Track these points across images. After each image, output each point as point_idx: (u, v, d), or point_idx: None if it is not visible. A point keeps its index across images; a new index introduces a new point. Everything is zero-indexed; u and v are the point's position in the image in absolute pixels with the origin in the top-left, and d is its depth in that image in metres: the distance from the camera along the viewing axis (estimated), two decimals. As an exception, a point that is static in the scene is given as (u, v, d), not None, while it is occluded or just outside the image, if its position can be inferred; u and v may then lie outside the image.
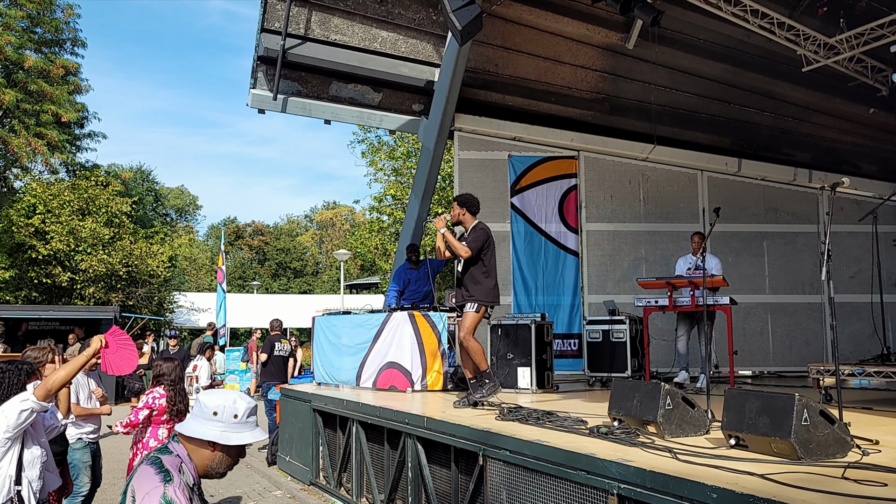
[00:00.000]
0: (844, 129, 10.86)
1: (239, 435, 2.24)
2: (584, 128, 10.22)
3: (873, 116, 10.49)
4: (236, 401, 2.29)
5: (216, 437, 2.22)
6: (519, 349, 7.68)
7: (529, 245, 9.96)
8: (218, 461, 2.28)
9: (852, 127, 10.82)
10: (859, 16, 8.82)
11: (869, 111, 10.42)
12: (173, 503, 2.06)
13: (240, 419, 2.25)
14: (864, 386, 7.49)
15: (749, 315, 10.03)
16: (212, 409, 2.25)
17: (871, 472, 3.13)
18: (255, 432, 2.29)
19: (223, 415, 2.24)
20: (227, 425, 2.24)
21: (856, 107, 10.44)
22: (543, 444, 3.98)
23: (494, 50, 9.72)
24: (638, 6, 8.10)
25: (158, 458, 2.20)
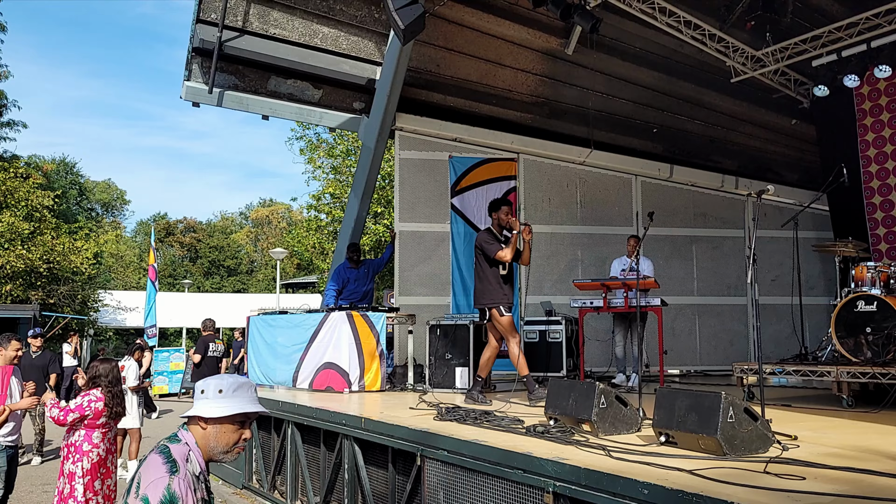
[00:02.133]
0: (769, 139, 11.34)
1: (221, 408, 2.25)
2: (524, 130, 10.35)
3: (795, 127, 10.99)
4: (223, 378, 2.35)
5: (200, 411, 2.26)
6: (457, 349, 7.72)
7: (469, 246, 10.01)
8: (214, 439, 2.28)
9: (776, 137, 11.31)
10: (784, 30, 9.23)
11: (791, 122, 10.91)
12: (175, 496, 2.08)
13: (225, 394, 2.27)
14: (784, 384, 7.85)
15: (678, 316, 10.36)
16: (200, 388, 2.32)
17: (790, 466, 3.28)
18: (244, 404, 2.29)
19: (209, 391, 2.29)
20: (213, 400, 2.27)
21: (780, 118, 10.91)
22: (481, 444, 4.02)
23: (436, 50, 9.74)
24: (577, 13, 8.27)
25: (167, 447, 2.23)
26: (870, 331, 5.85)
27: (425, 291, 9.89)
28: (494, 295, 6.42)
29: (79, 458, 4.90)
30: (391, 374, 8.40)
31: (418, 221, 9.96)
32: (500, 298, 6.41)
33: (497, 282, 6.44)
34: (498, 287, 6.43)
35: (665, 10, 8.83)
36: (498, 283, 6.44)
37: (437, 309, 9.55)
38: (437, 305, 9.71)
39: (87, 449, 4.93)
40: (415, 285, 9.85)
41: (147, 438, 8.93)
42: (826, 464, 3.30)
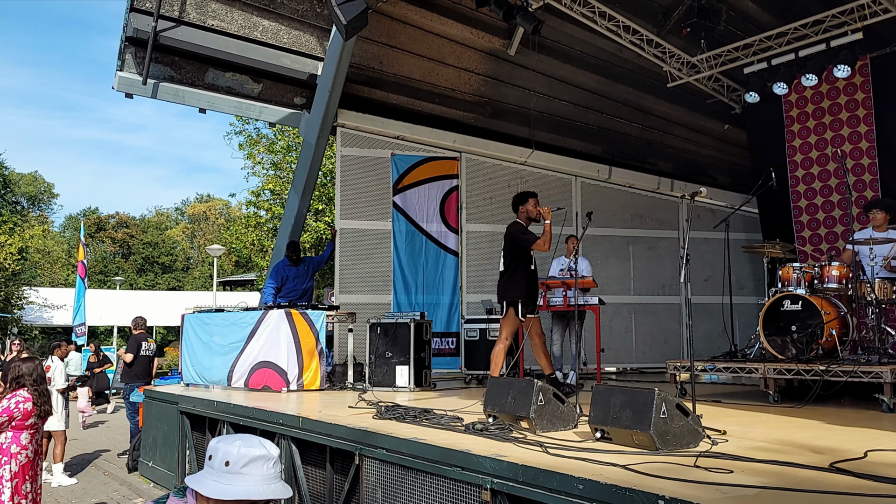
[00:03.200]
0: (703, 143, 11.69)
1: (223, 486, 1.80)
2: (467, 130, 10.39)
3: (727, 132, 11.35)
4: (234, 444, 1.87)
5: (200, 485, 1.83)
6: (397, 348, 7.70)
7: (410, 244, 10.01)
8: None
9: (709, 141, 11.67)
10: (718, 38, 9.52)
11: (724, 127, 11.26)
12: None
13: (232, 467, 1.82)
14: (714, 381, 8.11)
15: (615, 314, 10.58)
16: (210, 449, 1.88)
17: (719, 460, 3.38)
18: (251, 486, 1.80)
19: (216, 459, 1.85)
20: (217, 473, 1.83)
21: (713, 122, 11.26)
22: (420, 442, 4.02)
23: (379, 47, 9.68)
24: (520, 14, 8.34)
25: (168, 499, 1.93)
26: (795, 329, 6.08)
27: (366, 289, 9.83)
28: (520, 290, 6.22)
29: (6, 460, 4.72)
30: (331, 373, 8.32)
31: (360, 219, 9.88)
32: (526, 294, 6.23)
33: (525, 277, 6.26)
34: (525, 282, 6.24)
35: (605, 15, 9.00)
36: (525, 277, 6.26)
37: (378, 307, 9.51)
38: (378, 304, 9.66)
39: (15, 451, 4.75)
40: (355, 283, 9.77)
41: (74, 440, 8.60)
42: (752, 457, 3.41)
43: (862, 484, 2.87)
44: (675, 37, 9.59)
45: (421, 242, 10.11)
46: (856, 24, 8.20)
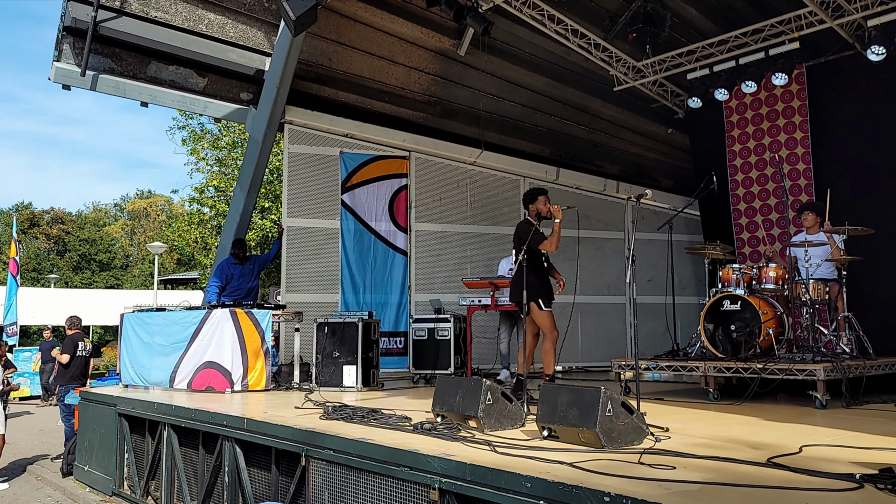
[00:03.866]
0: (647, 146, 11.94)
1: None
2: (417, 129, 10.37)
3: (671, 136, 11.62)
4: None
5: None
6: (345, 347, 7.64)
7: (359, 243, 9.94)
8: None
9: (654, 144, 11.92)
10: (663, 44, 9.74)
11: (668, 131, 11.53)
12: None
13: None
14: (657, 379, 8.29)
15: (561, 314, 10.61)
16: None
17: (662, 456, 3.45)
18: None
19: None
20: None
21: (657, 126, 11.51)
22: (367, 443, 3.99)
23: (329, 44, 9.58)
24: (470, 15, 8.37)
25: None
26: (734, 328, 6.27)
27: (313, 288, 9.72)
28: (534, 288, 6.09)
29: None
30: (276, 373, 8.19)
31: (307, 217, 9.76)
32: (541, 292, 6.16)
33: (537, 274, 6.16)
34: (537, 280, 6.15)
35: (554, 18, 9.11)
36: (537, 275, 6.16)
37: (326, 306, 9.41)
38: (325, 303, 9.56)
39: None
40: (303, 282, 9.65)
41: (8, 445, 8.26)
42: (694, 453, 3.50)
43: (797, 478, 2.97)
44: (622, 41, 9.77)
45: (369, 241, 10.05)
46: (793, 33, 8.49)
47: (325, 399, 6.21)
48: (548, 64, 10.42)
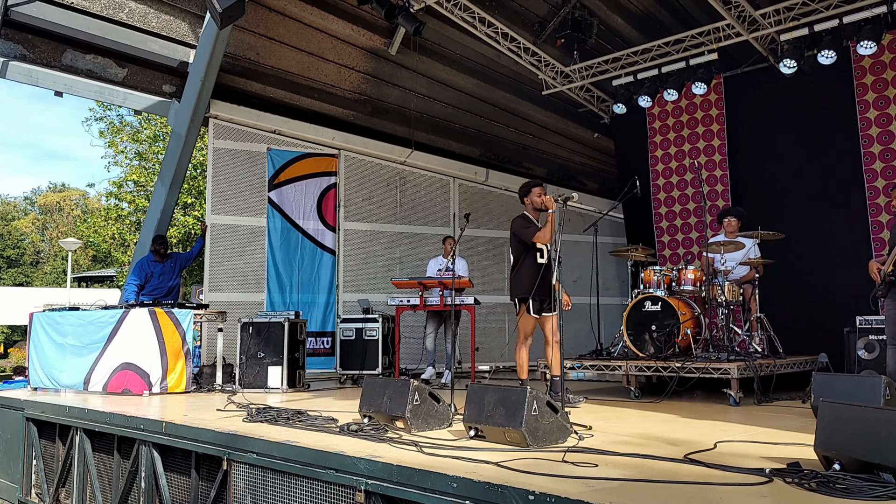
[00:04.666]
0: (574, 150, 12.18)
1: None
2: (346, 127, 10.26)
3: (597, 140, 11.90)
4: None
5: None
6: (270, 348, 7.50)
7: (286, 241, 9.76)
8: None
9: (580, 148, 12.18)
10: (589, 50, 9.97)
11: (594, 135, 11.80)
12: None
13: None
14: (581, 378, 8.49)
15: (490, 314, 10.81)
16: None
17: (585, 454, 3.53)
18: None
19: None
20: None
21: (584, 130, 11.76)
22: (292, 445, 3.91)
23: (256, 38, 9.37)
24: (402, 14, 8.35)
25: None
26: (654, 329, 6.47)
27: (238, 287, 9.48)
28: (527, 285, 5.69)
29: None
30: (198, 375, 7.96)
31: (232, 214, 9.52)
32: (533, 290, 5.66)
33: (531, 271, 5.72)
34: (530, 276, 5.69)
35: (484, 21, 9.18)
36: (531, 272, 5.71)
37: (251, 306, 9.21)
38: (250, 302, 9.35)
39: None
40: (227, 281, 9.40)
41: None
42: (615, 451, 3.59)
43: (712, 473, 3.09)
44: (551, 46, 9.95)
45: (297, 240, 9.88)
46: (712, 45, 8.84)
47: (249, 401, 6.07)
48: (478, 66, 10.50)
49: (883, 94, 8.22)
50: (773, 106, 9.24)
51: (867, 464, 2.81)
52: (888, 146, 8.20)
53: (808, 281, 8.31)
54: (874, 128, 8.29)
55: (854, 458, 2.88)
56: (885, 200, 8.19)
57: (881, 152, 8.25)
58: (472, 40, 9.85)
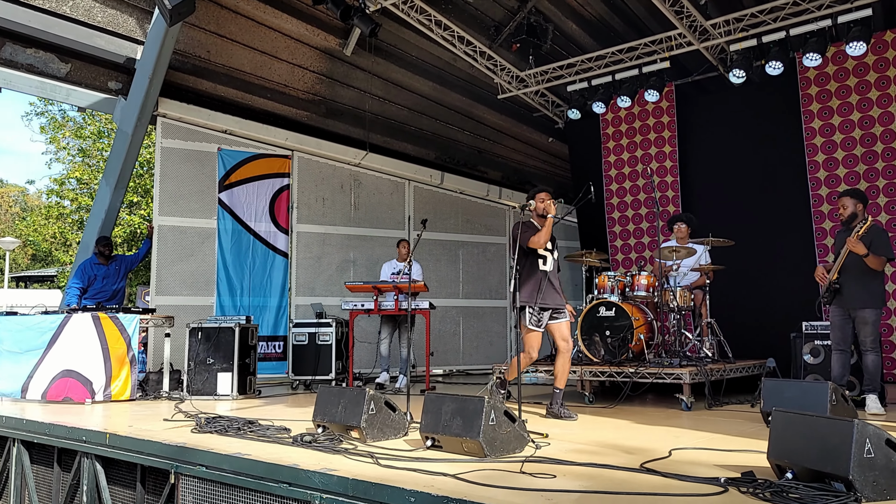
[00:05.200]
0: (529, 154, 12.24)
1: None
2: (300, 128, 10.09)
3: (551, 145, 11.98)
4: None
5: None
6: (220, 353, 7.32)
7: (237, 244, 9.54)
8: None
9: (535, 152, 12.25)
10: (545, 56, 10.02)
11: (548, 140, 11.88)
12: None
13: None
14: (536, 382, 8.51)
15: (444, 318, 10.78)
16: None
17: (542, 464, 3.51)
18: None
19: None
20: None
21: (538, 135, 11.83)
22: (244, 458, 3.80)
23: (207, 35, 9.14)
24: (358, 15, 8.26)
25: None
26: (608, 333, 6.53)
27: (186, 291, 9.23)
28: (526, 295, 5.36)
29: None
30: (143, 382, 7.71)
31: (181, 216, 9.26)
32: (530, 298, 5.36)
33: (533, 278, 5.40)
34: (529, 285, 5.37)
35: (441, 24, 9.14)
36: (533, 279, 5.39)
37: (200, 310, 8.96)
38: (199, 306, 9.10)
39: None
40: (175, 284, 9.14)
41: None
42: (572, 460, 3.58)
43: (669, 483, 3.10)
44: (506, 51, 9.96)
45: (248, 242, 9.68)
46: (664, 53, 8.98)
47: (198, 409, 5.90)
48: (434, 69, 10.46)
49: (827, 104, 8.48)
50: (723, 114, 9.44)
51: (819, 473, 2.86)
52: (831, 155, 8.46)
53: (756, 287, 8.51)
54: (818, 137, 8.54)
55: (806, 467, 2.93)
56: (828, 208, 8.45)
57: (825, 161, 8.51)
58: (428, 43, 9.81)
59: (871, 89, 8.15)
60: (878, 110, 8.12)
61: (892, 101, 8.03)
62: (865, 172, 8.21)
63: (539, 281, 5.39)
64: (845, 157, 8.36)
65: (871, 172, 8.18)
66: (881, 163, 8.14)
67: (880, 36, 7.99)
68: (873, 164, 8.19)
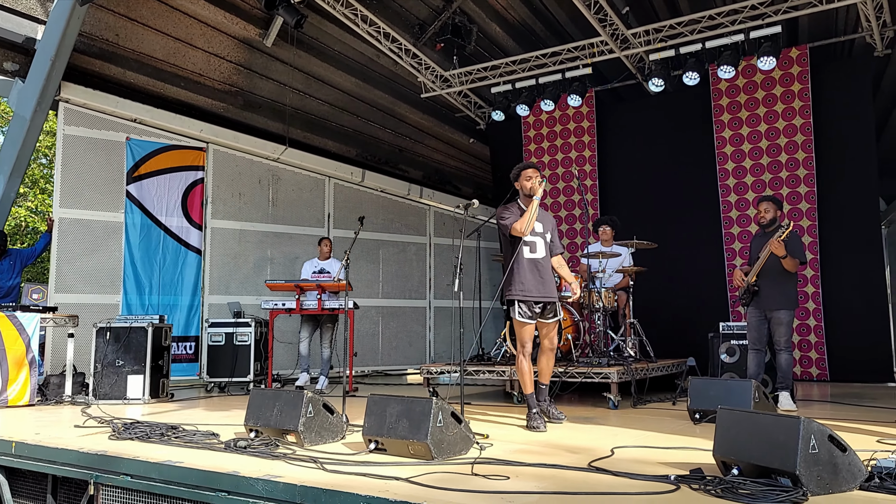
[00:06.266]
0: (450, 154, 12.25)
1: None
2: (216, 119, 9.67)
3: (472, 146, 12.04)
4: None
5: None
6: (131, 355, 6.90)
7: (146, 239, 9.04)
8: None
9: (456, 153, 12.27)
10: (468, 57, 10.06)
11: (469, 141, 11.93)
12: None
13: None
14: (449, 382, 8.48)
15: (364, 317, 10.61)
16: None
17: (492, 465, 3.48)
18: None
19: None
20: None
21: (460, 135, 11.85)
22: (175, 465, 3.56)
23: (116, 18, 8.61)
24: (283, 5, 8.01)
25: None
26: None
27: (89, 289, 8.66)
28: (514, 284, 4.88)
29: None
30: (43, 385, 7.16)
31: (84, 208, 8.69)
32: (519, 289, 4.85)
33: (518, 267, 4.87)
34: (515, 276, 4.87)
35: (366, 19, 9.01)
36: (517, 269, 4.87)
37: (104, 309, 8.44)
38: (103, 305, 8.57)
39: None
40: (77, 281, 8.56)
41: None
42: (522, 461, 3.57)
43: (621, 482, 3.13)
44: (431, 50, 9.93)
45: (158, 238, 9.19)
46: (586, 59, 9.20)
47: (108, 414, 5.53)
48: (357, 64, 10.28)
49: (736, 115, 8.92)
50: (641, 121, 9.78)
51: (765, 469, 2.96)
52: (740, 164, 8.91)
53: (676, 288, 8.85)
54: (728, 146, 8.97)
55: (752, 464, 3.02)
56: (736, 214, 8.89)
57: (734, 169, 8.95)
58: (352, 38, 9.64)
59: (777, 102, 8.64)
60: (783, 122, 8.62)
61: (795, 113, 8.54)
62: (771, 181, 8.70)
63: (524, 270, 4.85)
64: (753, 166, 8.82)
65: (776, 181, 8.66)
66: (785, 172, 8.64)
67: (786, 52, 8.48)
68: (777, 174, 8.68)
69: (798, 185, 8.52)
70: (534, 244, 4.93)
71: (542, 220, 4.99)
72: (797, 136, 8.53)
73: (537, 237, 4.94)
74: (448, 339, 11.31)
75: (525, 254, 4.90)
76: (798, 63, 8.48)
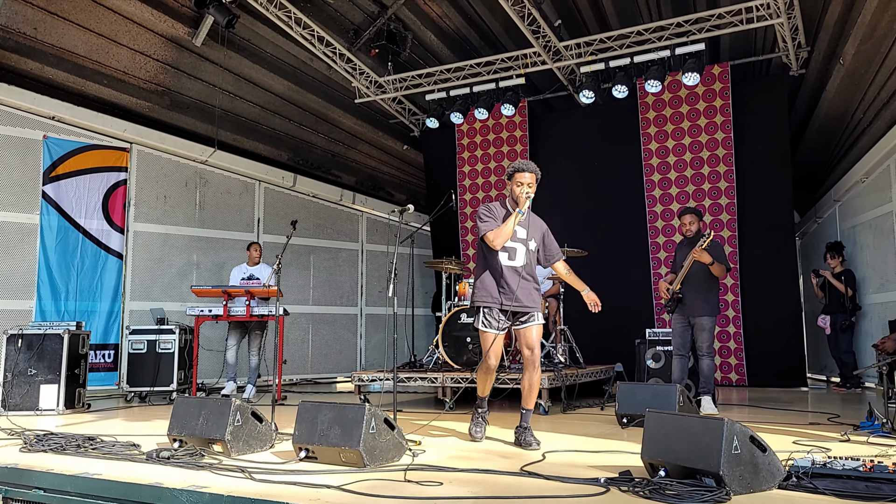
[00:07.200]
0: (383, 160, 12.19)
1: None
2: (140, 119, 9.33)
3: (406, 152, 12.02)
4: None
5: None
6: (45, 364, 6.57)
7: (63, 242, 8.63)
8: None
9: (389, 159, 12.21)
10: (403, 63, 10.06)
11: (403, 147, 11.91)
12: None
13: None
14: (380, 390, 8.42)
15: (293, 324, 10.41)
16: None
17: (427, 472, 3.46)
18: None
19: None
20: None
21: (394, 142, 11.82)
22: (93, 478, 3.40)
23: (35, 11, 8.20)
24: (214, 4, 7.82)
25: None
26: (469, 340, 6.61)
27: (1, 294, 8.21)
28: (484, 293, 4.54)
29: None
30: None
31: (-4, 209, 8.24)
32: (491, 299, 4.50)
33: (489, 273, 4.54)
34: (483, 283, 4.56)
35: (300, 22, 8.90)
36: (488, 274, 4.54)
37: (15, 315, 8.01)
38: (14, 311, 8.13)
39: None
40: (-14, 286, 8.10)
41: None
42: (455, 467, 3.56)
43: (553, 485, 3.17)
44: (366, 55, 9.88)
45: (76, 241, 8.79)
46: (520, 70, 9.33)
47: (21, 426, 5.24)
48: (290, 67, 10.11)
49: (662, 128, 9.21)
50: (572, 132, 9.98)
51: (690, 469, 3.04)
52: (665, 175, 9.20)
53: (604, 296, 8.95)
54: (654, 158, 9.25)
55: (678, 465, 3.11)
56: (662, 224, 9.17)
57: (659, 181, 9.23)
58: (285, 40, 9.49)
59: (701, 116, 8.97)
60: (706, 136, 8.95)
61: (717, 128, 8.89)
62: (694, 192, 9.02)
63: (497, 277, 4.51)
64: (677, 178, 9.12)
65: (699, 192, 8.99)
66: (707, 184, 8.97)
67: (709, 69, 8.82)
68: (700, 185, 9.00)
69: (719, 196, 8.86)
70: (513, 251, 4.54)
71: (526, 225, 4.58)
72: (719, 150, 8.88)
73: (518, 243, 4.54)
74: (379, 346, 11.23)
75: (503, 260, 4.53)
76: (720, 80, 8.84)
